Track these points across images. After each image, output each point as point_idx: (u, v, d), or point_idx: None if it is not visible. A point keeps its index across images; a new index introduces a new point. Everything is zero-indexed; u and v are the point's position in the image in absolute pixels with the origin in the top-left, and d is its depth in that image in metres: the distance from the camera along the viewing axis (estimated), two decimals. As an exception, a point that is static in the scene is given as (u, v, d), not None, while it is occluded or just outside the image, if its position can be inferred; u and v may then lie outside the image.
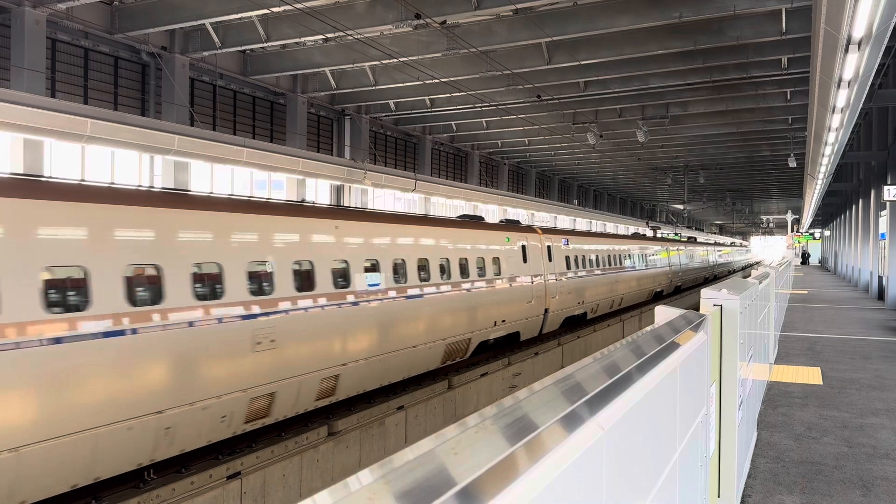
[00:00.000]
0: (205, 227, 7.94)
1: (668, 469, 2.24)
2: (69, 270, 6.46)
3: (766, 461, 5.68)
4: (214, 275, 7.98)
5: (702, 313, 3.48)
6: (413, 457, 1.00)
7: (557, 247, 18.79)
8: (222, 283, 8.02)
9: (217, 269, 8.02)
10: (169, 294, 7.31)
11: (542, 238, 17.94)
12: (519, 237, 16.63)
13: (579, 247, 20.47)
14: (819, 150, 16.26)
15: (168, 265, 7.36)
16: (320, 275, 9.53)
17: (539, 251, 17.55)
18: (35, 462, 6.01)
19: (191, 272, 7.62)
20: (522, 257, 16.48)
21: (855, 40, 7.07)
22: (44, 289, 6.18)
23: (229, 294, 8.06)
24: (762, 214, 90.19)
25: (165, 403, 7.14)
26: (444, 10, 16.26)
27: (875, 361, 10.61)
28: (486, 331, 14.35)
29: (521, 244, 16.58)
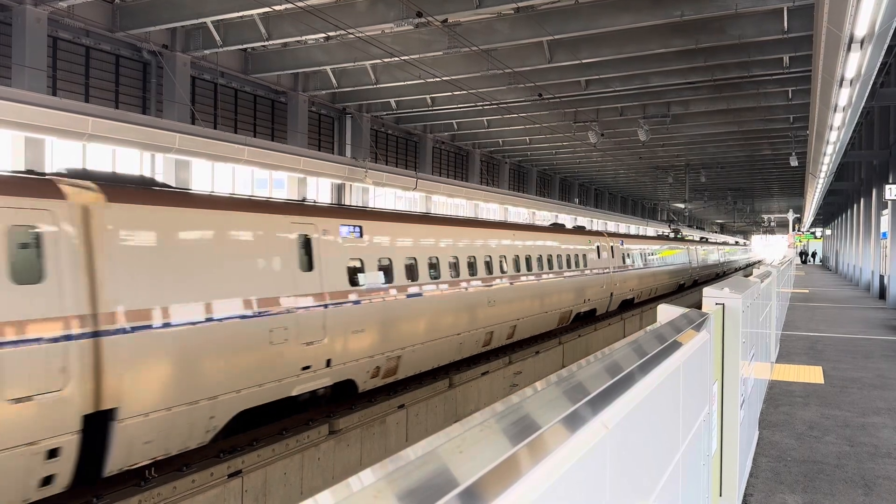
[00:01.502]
0: (410, 234, 12.03)
1: (671, 468, 2.24)
2: (378, 262, 10.94)
3: (767, 460, 5.68)
4: (430, 264, 12.49)
5: (704, 312, 3.48)
6: (418, 455, 1.00)
7: (617, 247, 23.94)
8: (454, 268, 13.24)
9: (435, 261, 12.64)
10: (433, 275, 12.45)
11: (607, 240, 23.16)
12: (595, 239, 21.93)
13: (629, 247, 25.62)
14: (820, 148, 16.25)
15: (412, 259, 11.89)
16: (508, 264, 15.41)
17: (607, 250, 22.73)
18: (421, 355, 11.85)
19: (405, 264, 11.63)
20: (598, 254, 21.76)
21: (857, 39, 7.05)
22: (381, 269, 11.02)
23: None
24: (763, 213, 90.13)
25: (462, 329, 13.15)
26: (445, 9, 16.24)
27: (876, 360, 10.60)
28: (579, 305, 19.92)
29: (596, 245, 21.83)
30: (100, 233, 6.70)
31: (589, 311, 21.29)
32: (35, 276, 6.16)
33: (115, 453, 6.73)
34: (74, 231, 6.49)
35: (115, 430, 6.68)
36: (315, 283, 9.27)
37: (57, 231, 6.34)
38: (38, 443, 6.00)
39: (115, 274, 6.75)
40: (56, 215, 6.35)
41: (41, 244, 6.23)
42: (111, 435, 6.68)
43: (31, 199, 6.21)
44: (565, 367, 1.78)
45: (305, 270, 9.18)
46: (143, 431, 6.93)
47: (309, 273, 9.22)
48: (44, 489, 6.19)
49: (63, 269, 6.34)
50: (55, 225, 6.33)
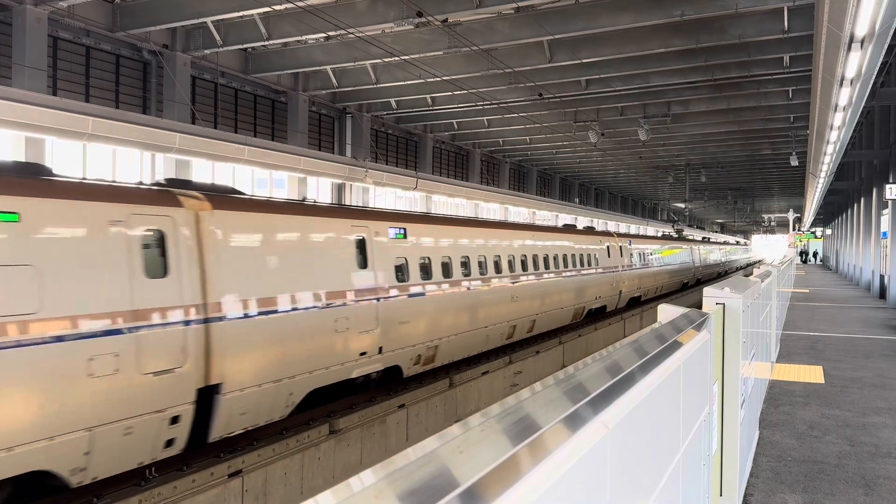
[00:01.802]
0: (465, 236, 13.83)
1: (672, 468, 2.24)
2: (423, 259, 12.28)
3: (768, 460, 5.68)
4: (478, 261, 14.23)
5: (704, 312, 3.48)
6: (418, 456, 1.00)
7: (625, 247, 24.95)
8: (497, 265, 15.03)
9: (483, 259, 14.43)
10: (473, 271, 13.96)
11: (617, 240, 24.17)
12: (605, 239, 23.02)
13: (637, 247, 26.60)
14: (821, 148, 16.24)
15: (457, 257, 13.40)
16: (528, 263, 16.65)
17: (616, 250, 23.84)
18: (455, 346, 13.01)
19: (460, 261, 13.40)
20: (608, 254, 22.83)
21: (857, 38, 7.05)
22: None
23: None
24: (763, 213, 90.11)
25: (489, 322, 14.40)
26: (445, 9, 16.25)
27: (877, 360, 10.60)
28: (591, 302, 21.03)
29: (606, 245, 22.92)
30: (208, 235, 7.89)
31: (599, 308, 22.40)
32: (161, 271, 7.30)
33: (218, 422, 7.89)
34: (189, 234, 7.68)
35: (219, 402, 7.84)
36: (369, 279, 10.52)
37: (176, 234, 7.52)
38: (164, 410, 7.17)
39: (220, 270, 7.94)
40: (176, 221, 7.54)
41: (165, 245, 7.40)
42: (216, 406, 7.83)
43: (157, 207, 7.37)
44: (566, 367, 1.78)
45: (362, 268, 10.41)
46: (240, 404, 8.12)
47: (364, 270, 10.44)
48: (167, 450, 7.36)
49: (181, 266, 7.50)
50: (175, 229, 7.52)
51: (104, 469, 6.77)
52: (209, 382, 7.68)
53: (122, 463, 6.93)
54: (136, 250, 7.04)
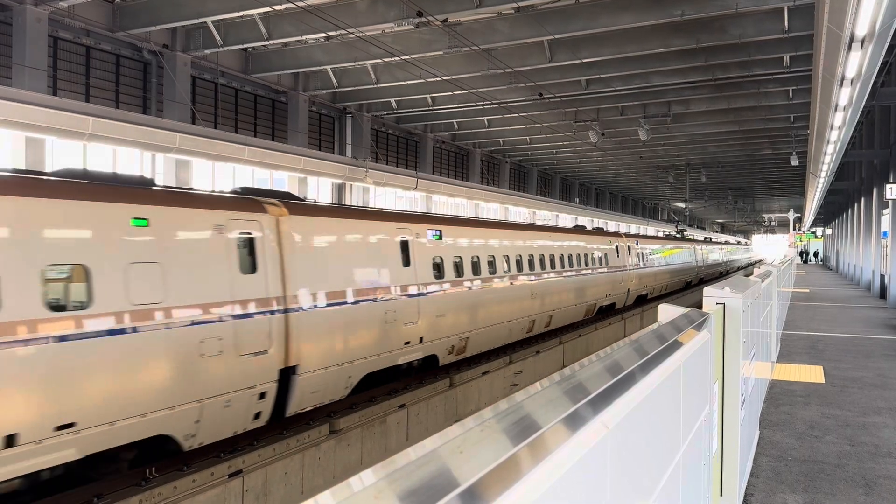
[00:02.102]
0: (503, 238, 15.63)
1: (672, 468, 2.24)
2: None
3: (768, 460, 5.68)
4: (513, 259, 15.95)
5: (704, 312, 3.48)
6: (418, 455, 1.00)
7: (633, 247, 26.15)
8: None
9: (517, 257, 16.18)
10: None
11: (625, 241, 25.39)
12: (614, 240, 24.19)
13: (643, 247, 27.74)
14: (821, 148, 16.24)
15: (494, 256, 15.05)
16: (546, 263, 17.79)
17: (625, 250, 25.03)
18: (483, 338, 14.06)
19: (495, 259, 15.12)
20: (617, 254, 24.02)
21: (858, 38, 7.05)
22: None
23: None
24: (764, 213, 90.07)
25: (512, 316, 15.59)
26: (445, 8, 16.24)
27: (877, 360, 10.60)
28: (602, 299, 22.21)
29: (615, 245, 24.03)
30: (286, 237, 9.09)
31: (609, 305, 23.50)
32: (251, 268, 8.48)
33: (294, 399, 9.05)
34: (272, 236, 8.85)
35: (295, 382, 9.03)
36: (412, 276, 11.73)
37: (263, 236, 8.70)
38: (255, 387, 8.32)
39: (295, 267, 9.12)
40: (262, 225, 8.72)
41: (254, 245, 8.57)
42: (293, 385, 9.00)
43: (248, 214, 8.56)
44: (566, 367, 1.78)
45: (406, 266, 11.56)
46: (311, 384, 9.30)
47: (408, 268, 11.62)
48: (255, 422, 8.52)
49: (267, 263, 8.69)
50: (262, 232, 8.70)
51: (209, 436, 7.88)
52: (288, 364, 8.88)
53: (221, 432, 8.04)
54: (234, 250, 8.27)
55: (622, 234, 25.89)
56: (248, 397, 8.21)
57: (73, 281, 6.59)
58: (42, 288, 6.26)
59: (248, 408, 8.28)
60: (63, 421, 6.29)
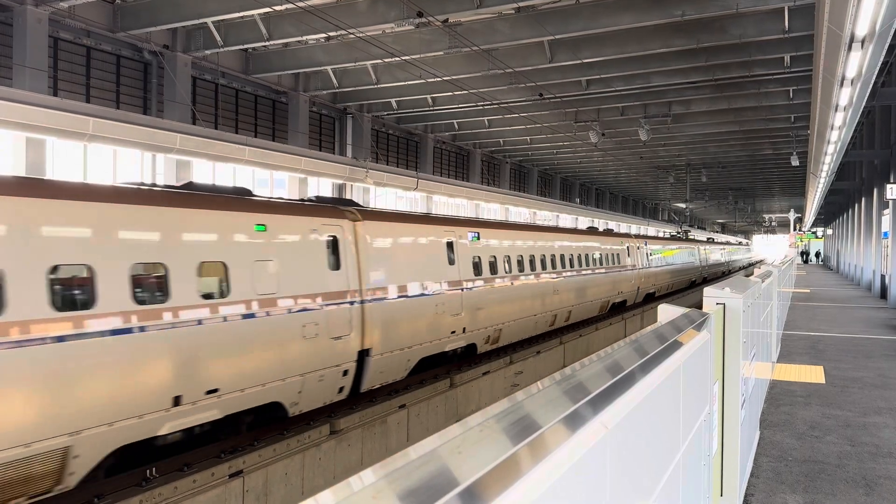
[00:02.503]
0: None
1: (672, 468, 2.24)
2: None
3: (768, 460, 5.68)
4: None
5: (704, 312, 3.48)
6: (417, 456, 1.00)
7: (642, 247, 27.56)
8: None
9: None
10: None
11: (635, 242, 26.78)
12: (625, 241, 25.56)
13: (651, 248, 29.16)
14: (822, 148, 16.23)
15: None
16: (566, 262, 19.19)
17: (635, 250, 26.48)
18: (513, 329, 15.46)
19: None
20: (628, 254, 25.49)
21: (858, 38, 7.05)
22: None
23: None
24: (764, 213, 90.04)
25: (537, 311, 16.99)
26: (446, 9, 16.24)
27: (878, 360, 10.60)
28: (615, 296, 23.63)
29: (626, 246, 25.53)
30: (360, 239, 10.57)
31: (620, 302, 24.85)
32: (336, 265, 9.99)
33: (367, 377, 10.58)
34: (350, 238, 10.36)
35: (369, 362, 10.53)
36: (456, 273, 13.19)
37: (344, 238, 10.21)
38: (340, 365, 9.84)
39: (368, 264, 10.62)
40: (343, 229, 10.25)
41: (338, 246, 10.08)
42: (366, 365, 10.49)
43: (333, 219, 10.12)
44: (566, 367, 1.79)
45: (451, 264, 13.02)
46: (380, 365, 10.79)
47: (452, 266, 13.06)
48: (339, 395, 10.04)
49: (347, 261, 10.21)
50: (343, 234, 10.22)
51: (306, 405, 9.43)
52: (364, 347, 10.40)
53: (315, 402, 9.56)
54: (324, 250, 9.78)
55: (632, 235, 27.14)
56: (335, 373, 9.78)
57: (218, 275, 8.09)
58: (198, 280, 7.73)
59: (335, 382, 9.82)
60: (211, 387, 7.75)
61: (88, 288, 6.56)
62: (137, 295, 7.05)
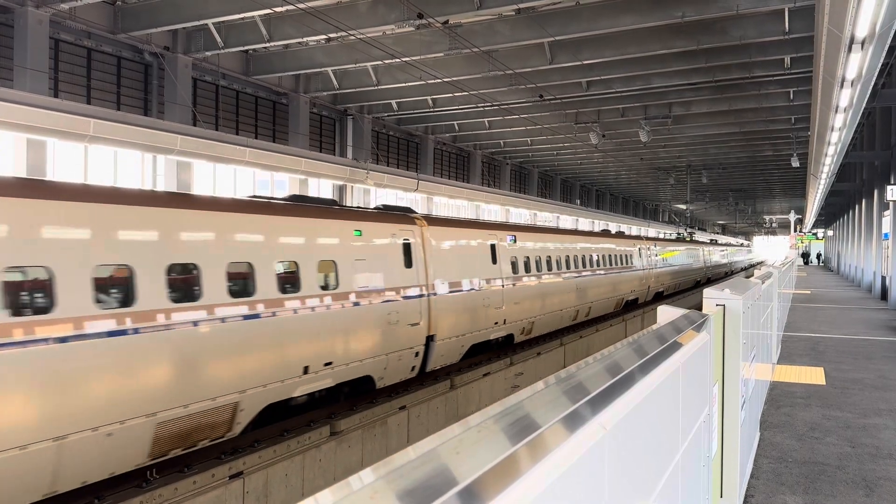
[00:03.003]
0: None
1: (671, 469, 2.24)
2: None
3: (768, 461, 5.68)
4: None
5: (704, 313, 3.48)
6: (416, 456, 1.00)
7: (652, 249, 29.35)
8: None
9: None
10: None
11: (646, 244, 28.62)
12: (637, 243, 27.36)
13: (659, 249, 30.83)
14: (822, 149, 16.23)
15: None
16: (587, 262, 20.96)
17: (646, 252, 28.24)
18: (543, 322, 17.23)
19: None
20: (640, 255, 27.23)
21: (858, 40, 7.05)
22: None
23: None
24: (765, 214, 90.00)
25: (563, 306, 18.57)
26: (446, 10, 16.25)
27: (878, 362, 10.59)
28: (628, 294, 25.34)
29: (638, 247, 27.28)
30: (426, 242, 12.38)
31: (633, 300, 26.41)
32: (409, 264, 11.71)
33: (432, 359, 12.35)
34: (419, 241, 12.16)
35: (434, 346, 12.31)
36: (498, 271, 14.92)
37: (414, 241, 11.98)
38: (413, 348, 11.63)
39: (432, 263, 12.41)
40: (413, 233, 12.02)
41: (410, 248, 11.82)
42: (431, 349, 12.25)
43: (406, 225, 11.90)
44: (565, 368, 1.79)
45: (494, 264, 14.78)
46: (442, 349, 12.61)
47: (495, 265, 14.84)
48: (410, 373, 11.82)
49: (417, 261, 11.95)
50: (414, 237, 11.98)
51: (389, 380, 11.21)
52: (430, 333, 12.18)
53: (394, 378, 11.35)
54: (400, 251, 11.52)
55: (643, 237, 28.88)
56: (410, 354, 11.55)
57: (331, 271, 9.91)
58: (318, 275, 9.61)
59: (409, 362, 11.58)
60: (327, 361, 9.59)
61: (251, 282, 8.49)
62: (284, 287, 8.98)
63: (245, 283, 8.41)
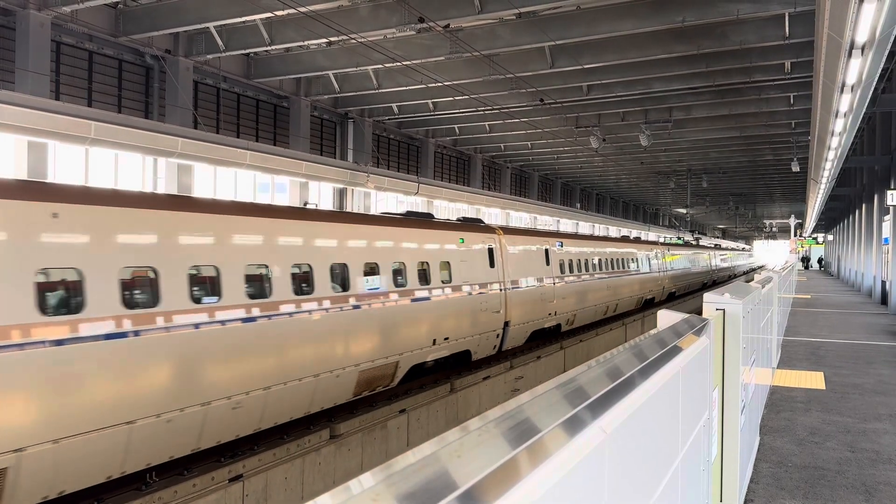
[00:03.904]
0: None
1: (671, 473, 2.24)
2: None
3: (768, 466, 5.67)
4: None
5: (704, 317, 3.48)
6: (416, 459, 1.00)
7: (667, 253, 32.89)
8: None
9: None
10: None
11: (661, 248, 32.12)
12: (654, 248, 30.66)
13: (671, 253, 34.23)
14: (822, 154, 16.25)
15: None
16: (616, 265, 24.26)
17: (661, 255, 31.63)
18: (583, 316, 20.72)
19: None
20: (657, 258, 30.60)
21: (858, 45, 7.07)
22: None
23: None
24: (765, 219, 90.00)
25: (596, 302, 21.91)
26: (447, 14, 16.28)
27: (878, 366, 10.59)
28: (646, 294, 28.66)
29: (655, 251, 30.65)
30: (503, 247, 15.67)
31: (650, 299, 29.52)
32: (493, 264, 14.98)
33: (507, 341, 15.54)
34: (498, 247, 15.45)
35: (508, 331, 15.48)
36: (550, 271, 18.22)
37: (495, 247, 15.29)
38: (495, 330, 14.79)
39: (507, 264, 15.66)
40: (494, 240, 15.32)
41: (493, 252, 15.10)
42: (506, 333, 15.42)
43: (490, 235, 15.25)
44: (566, 372, 1.79)
45: (547, 265, 18.05)
46: (514, 333, 15.77)
47: (548, 266, 18.11)
48: (492, 350, 14.97)
49: (497, 262, 15.23)
50: (495, 244, 15.30)
51: (479, 355, 14.49)
52: (507, 320, 15.40)
53: (482, 353, 14.61)
54: (487, 255, 14.87)
55: (659, 242, 32.36)
56: (493, 335, 14.86)
57: (448, 270, 13.28)
58: (440, 272, 12.88)
59: (492, 342, 14.88)
60: (446, 336, 12.91)
61: (404, 277, 11.74)
62: (422, 280, 12.21)
63: (404, 277, 11.80)
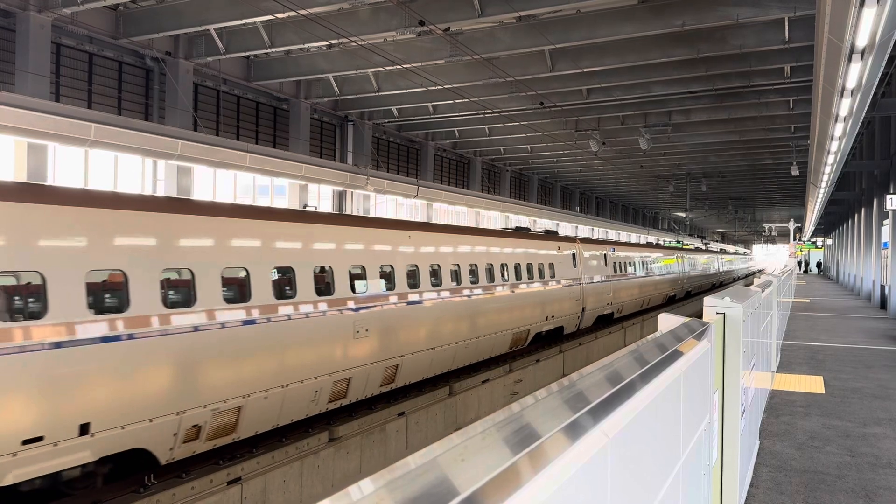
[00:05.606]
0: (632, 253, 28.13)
1: (672, 477, 2.24)
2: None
3: (768, 470, 5.67)
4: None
5: (705, 321, 3.48)
6: (419, 464, 1.00)
7: (685, 258, 37.71)
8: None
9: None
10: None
11: (681, 253, 37.06)
12: (676, 253, 35.74)
13: (689, 257, 39.36)
14: (822, 158, 16.26)
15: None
16: (652, 268, 29.94)
17: (681, 259, 36.41)
18: (629, 307, 26.31)
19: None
20: (677, 262, 35.43)
21: (858, 49, 7.07)
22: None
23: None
24: (764, 223, 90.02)
25: (636, 297, 27.55)
26: (447, 17, 16.30)
27: (878, 371, 10.58)
28: (669, 292, 33.13)
29: (675, 255, 35.15)
30: (581, 253, 20.39)
31: (672, 296, 34.29)
32: (574, 265, 19.83)
33: (583, 322, 20.37)
34: (578, 253, 20.19)
35: (584, 313, 20.30)
36: (607, 271, 22.74)
37: (576, 252, 20.13)
38: (577, 313, 19.87)
39: (584, 267, 20.54)
40: (575, 248, 20.18)
41: (576, 258, 19.98)
42: (582, 316, 20.24)
43: (573, 244, 20.12)
44: (566, 376, 1.78)
45: (605, 266, 22.48)
46: (587, 316, 20.62)
47: (606, 267, 22.60)
48: (573, 328, 19.98)
49: (577, 264, 20.07)
50: (575, 251, 20.13)
51: (568, 330, 19.32)
52: (583, 306, 19.96)
53: (569, 329, 19.43)
54: (571, 258, 19.33)
55: (680, 248, 37.73)
56: (575, 317, 19.46)
57: (549, 270, 17.73)
58: (548, 270, 17.72)
59: (574, 321, 19.44)
60: (551, 314, 17.74)
61: (530, 274, 16.53)
62: (543, 276, 17.24)
63: (532, 273, 16.59)
